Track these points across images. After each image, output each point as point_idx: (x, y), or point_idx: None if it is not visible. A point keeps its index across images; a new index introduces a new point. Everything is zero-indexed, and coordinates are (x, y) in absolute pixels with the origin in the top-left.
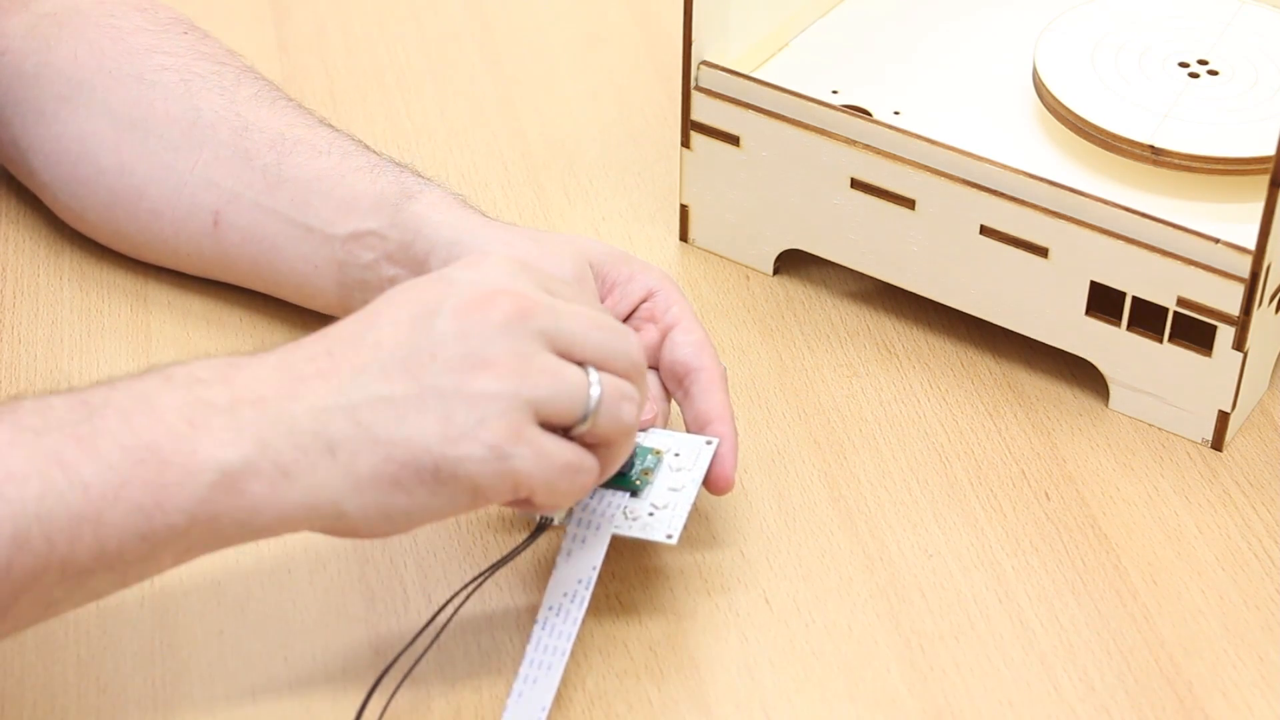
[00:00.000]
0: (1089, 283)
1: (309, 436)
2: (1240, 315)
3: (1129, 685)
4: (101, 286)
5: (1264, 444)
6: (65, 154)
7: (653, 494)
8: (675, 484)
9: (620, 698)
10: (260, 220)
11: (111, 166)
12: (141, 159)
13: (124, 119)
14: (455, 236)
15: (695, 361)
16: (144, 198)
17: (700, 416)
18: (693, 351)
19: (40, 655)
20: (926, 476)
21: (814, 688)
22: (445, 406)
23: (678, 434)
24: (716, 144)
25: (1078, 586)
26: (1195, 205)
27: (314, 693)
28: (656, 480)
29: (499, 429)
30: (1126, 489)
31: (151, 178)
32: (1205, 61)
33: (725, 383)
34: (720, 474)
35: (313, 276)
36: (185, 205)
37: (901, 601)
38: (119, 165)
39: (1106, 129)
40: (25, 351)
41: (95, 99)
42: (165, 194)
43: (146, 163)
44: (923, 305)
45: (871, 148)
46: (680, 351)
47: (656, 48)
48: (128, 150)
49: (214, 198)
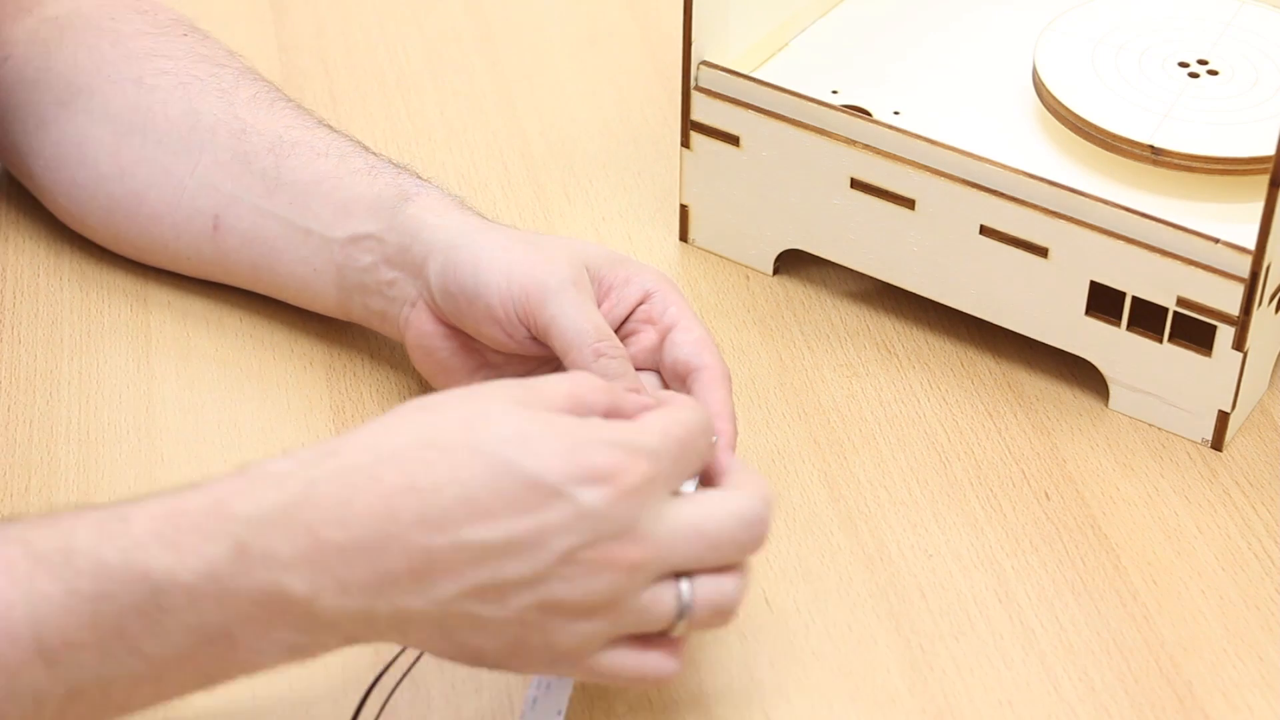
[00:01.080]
0: (1089, 283)
1: (385, 625)
2: (1240, 315)
3: (1129, 685)
4: (101, 286)
5: (1264, 444)
6: (65, 159)
7: None
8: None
9: (620, 698)
10: (259, 224)
11: (111, 172)
12: (140, 164)
13: (123, 124)
14: (452, 240)
15: (695, 360)
16: (144, 202)
17: None
18: (693, 350)
19: None
20: (926, 476)
21: (814, 688)
22: (523, 633)
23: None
24: (716, 144)
25: (1078, 586)
26: (1195, 205)
27: (314, 692)
28: None
29: (570, 656)
30: (1126, 489)
31: (151, 182)
32: (1205, 61)
33: (727, 381)
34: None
35: (312, 279)
36: (185, 210)
37: (901, 601)
38: (118, 170)
39: (1106, 129)
40: (25, 351)
41: (94, 104)
42: (165, 198)
43: (146, 167)
44: (923, 305)
45: (871, 148)
46: (680, 351)
47: (656, 48)
48: (127, 155)
49: (213, 202)
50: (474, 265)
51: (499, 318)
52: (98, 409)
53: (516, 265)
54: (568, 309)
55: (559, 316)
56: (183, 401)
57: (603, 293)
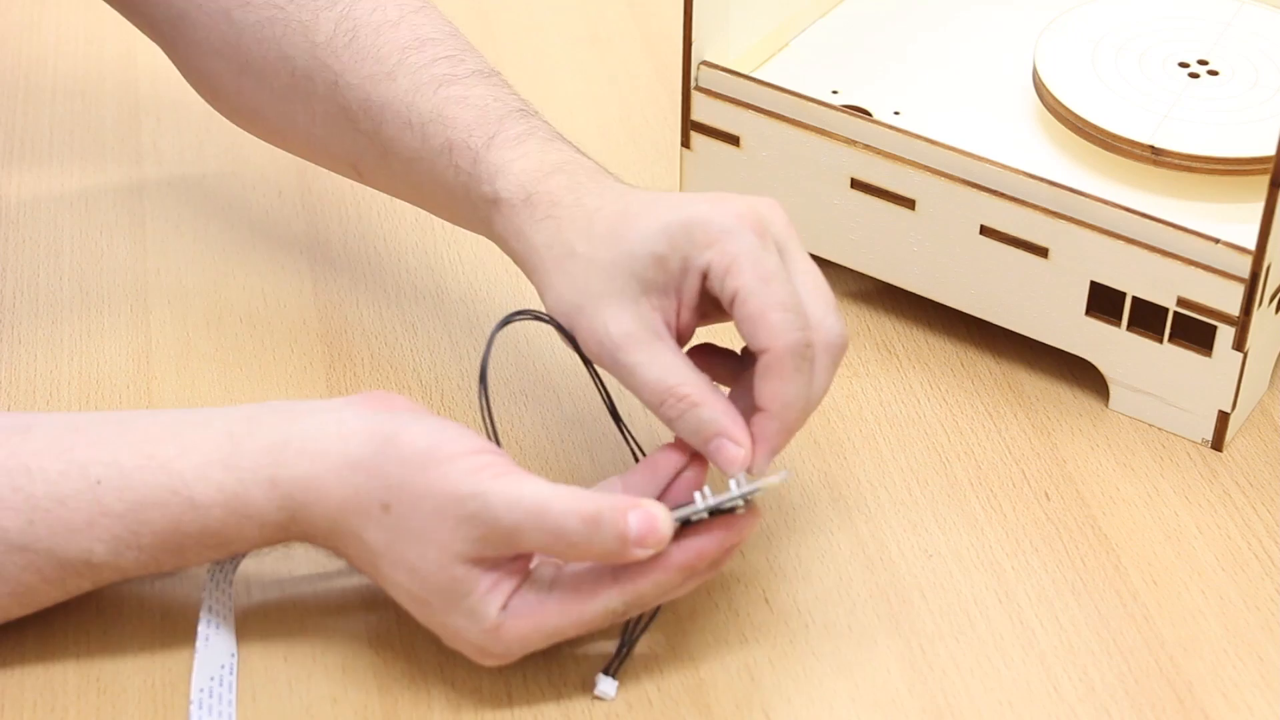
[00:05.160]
0: (1089, 283)
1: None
2: (1240, 315)
3: (1129, 685)
4: (101, 286)
5: (1264, 444)
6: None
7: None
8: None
9: (620, 698)
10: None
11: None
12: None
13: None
14: (524, 267)
15: (754, 342)
16: (284, 137)
17: (747, 410)
18: (750, 330)
19: (40, 655)
20: (926, 476)
21: (814, 688)
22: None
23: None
24: (716, 144)
25: (1078, 586)
26: (1195, 205)
27: (314, 693)
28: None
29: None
30: (1126, 489)
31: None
32: (1205, 61)
33: (794, 358)
34: (729, 455)
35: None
36: (323, 157)
37: (901, 601)
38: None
39: (1106, 129)
40: (25, 351)
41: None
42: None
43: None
44: (923, 305)
45: (871, 148)
46: (744, 335)
47: (656, 48)
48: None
49: (344, 151)
50: (543, 295)
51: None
52: (97, 408)
53: (575, 318)
54: (633, 368)
55: (633, 369)
56: (183, 401)
57: (669, 299)
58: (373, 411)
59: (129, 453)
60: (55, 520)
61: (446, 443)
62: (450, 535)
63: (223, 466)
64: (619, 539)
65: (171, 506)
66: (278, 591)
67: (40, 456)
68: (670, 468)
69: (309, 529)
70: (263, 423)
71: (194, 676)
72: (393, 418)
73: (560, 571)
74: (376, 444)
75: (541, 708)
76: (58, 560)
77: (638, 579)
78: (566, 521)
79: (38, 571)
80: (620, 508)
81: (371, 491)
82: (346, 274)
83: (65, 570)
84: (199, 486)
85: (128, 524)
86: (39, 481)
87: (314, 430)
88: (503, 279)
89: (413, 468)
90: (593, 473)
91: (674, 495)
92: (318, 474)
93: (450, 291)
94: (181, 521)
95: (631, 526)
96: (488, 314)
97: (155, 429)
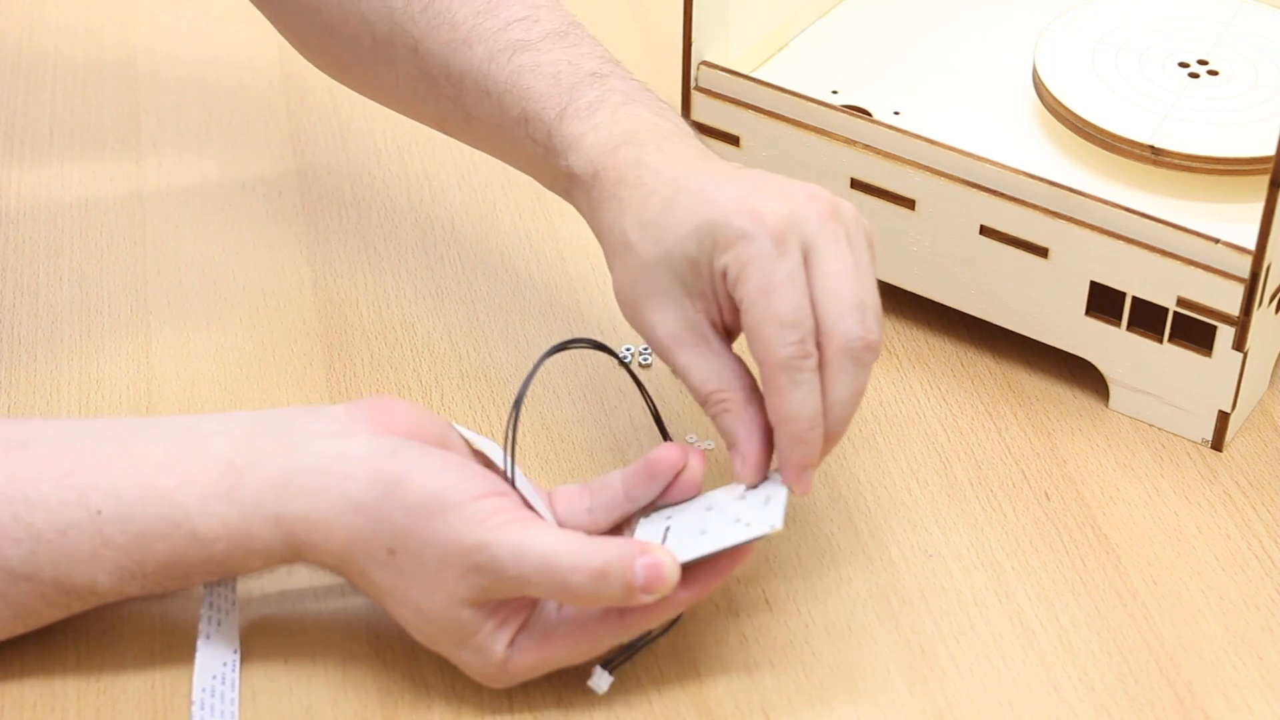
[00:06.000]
0: (1089, 283)
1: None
2: (1240, 315)
3: (1129, 685)
4: (101, 286)
5: (1264, 444)
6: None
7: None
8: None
9: (620, 698)
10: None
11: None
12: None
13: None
14: (600, 241)
15: (753, 355)
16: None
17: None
18: (749, 342)
19: (40, 655)
20: (926, 476)
21: (814, 688)
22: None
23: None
24: (717, 144)
25: (1078, 586)
26: (1195, 205)
27: (315, 693)
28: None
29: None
30: (1126, 489)
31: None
32: (1205, 61)
33: (785, 373)
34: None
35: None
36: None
37: (901, 601)
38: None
39: (1106, 129)
40: (25, 351)
41: None
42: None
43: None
44: (923, 305)
45: (871, 148)
46: (750, 346)
47: (656, 48)
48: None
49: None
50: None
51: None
52: (98, 409)
53: (631, 313)
54: (678, 371)
55: (679, 371)
56: (183, 401)
57: (709, 300)
58: (374, 436)
59: (128, 481)
60: (57, 551)
61: (451, 488)
62: (456, 583)
63: (225, 500)
64: (626, 589)
65: (175, 539)
66: (278, 593)
67: (39, 483)
68: (669, 468)
69: (314, 561)
70: (263, 450)
71: (195, 676)
72: (396, 455)
73: (565, 607)
74: (382, 488)
75: (541, 709)
76: (63, 588)
77: (644, 616)
78: (573, 577)
79: (42, 597)
80: (626, 557)
81: (377, 536)
82: (346, 274)
83: (70, 596)
84: (202, 520)
85: (131, 555)
86: (39, 510)
87: (316, 464)
88: (503, 279)
89: (419, 516)
90: (593, 473)
91: (674, 495)
92: (322, 515)
93: (450, 291)
94: (185, 553)
95: (639, 576)
96: (488, 314)
97: (155, 453)
